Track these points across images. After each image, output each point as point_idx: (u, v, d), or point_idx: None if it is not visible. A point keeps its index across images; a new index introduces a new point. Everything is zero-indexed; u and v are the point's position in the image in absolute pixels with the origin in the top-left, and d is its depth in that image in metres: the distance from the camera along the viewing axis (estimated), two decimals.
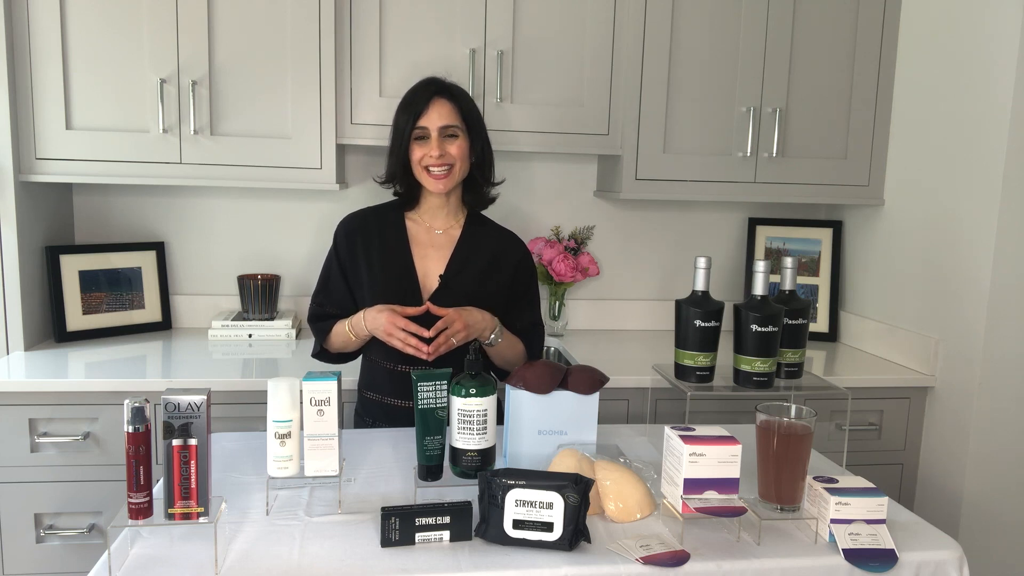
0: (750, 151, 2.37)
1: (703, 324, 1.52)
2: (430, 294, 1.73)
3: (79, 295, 2.32)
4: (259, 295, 2.44)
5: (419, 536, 1.20)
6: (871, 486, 1.29)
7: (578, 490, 1.19)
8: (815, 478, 1.30)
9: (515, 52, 2.27)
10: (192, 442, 1.13)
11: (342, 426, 1.39)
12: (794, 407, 1.32)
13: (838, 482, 1.29)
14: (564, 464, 1.34)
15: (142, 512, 1.13)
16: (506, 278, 1.78)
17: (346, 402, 1.96)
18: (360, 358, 1.84)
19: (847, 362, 2.40)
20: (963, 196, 2.11)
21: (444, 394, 1.33)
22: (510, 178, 2.47)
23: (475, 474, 1.32)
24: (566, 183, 2.67)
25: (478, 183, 1.80)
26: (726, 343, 1.54)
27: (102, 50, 2.10)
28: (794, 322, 1.57)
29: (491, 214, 1.87)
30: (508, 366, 1.76)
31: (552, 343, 2.51)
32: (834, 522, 1.24)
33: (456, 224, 1.81)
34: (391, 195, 1.84)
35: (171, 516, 1.14)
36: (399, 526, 1.19)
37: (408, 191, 1.79)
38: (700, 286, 1.55)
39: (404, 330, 1.59)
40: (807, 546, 1.24)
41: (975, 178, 2.07)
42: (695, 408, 2.15)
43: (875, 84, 2.41)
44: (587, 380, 1.46)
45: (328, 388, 1.28)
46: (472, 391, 1.32)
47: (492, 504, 1.20)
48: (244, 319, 2.43)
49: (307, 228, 2.57)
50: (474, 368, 1.35)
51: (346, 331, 1.71)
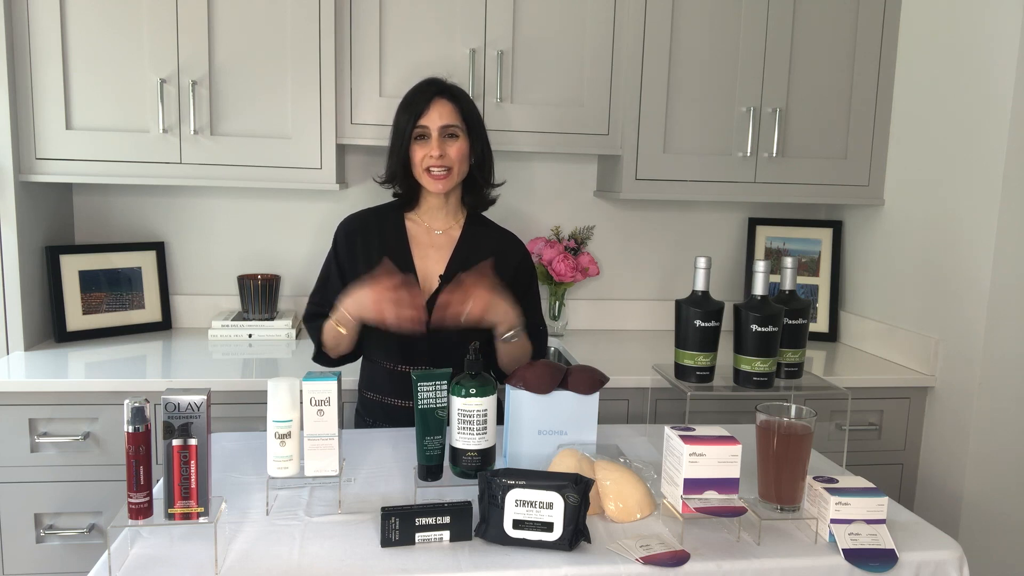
0: (750, 151, 2.37)
1: (703, 324, 1.53)
2: (430, 295, 1.73)
3: (79, 295, 2.32)
4: (259, 295, 2.44)
5: (419, 536, 1.20)
6: (871, 486, 1.29)
7: (578, 490, 1.19)
8: (815, 478, 1.30)
9: (515, 52, 2.27)
10: (192, 442, 1.13)
11: (342, 426, 1.39)
12: (794, 407, 1.32)
13: (838, 482, 1.29)
14: (564, 464, 1.34)
15: (142, 512, 1.13)
16: (506, 279, 1.77)
17: (346, 402, 1.96)
18: (360, 358, 1.84)
19: (847, 362, 2.40)
20: (963, 196, 2.11)
21: (444, 394, 1.33)
22: (510, 178, 2.47)
23: (475, 474, 1.31)
24: (566, 183, 2.67)
25: (478, 184, 1.79)
26: (726, 343, 1.54)
27: (102, 50, 2.10)
28: (794, 322, 1.57)
29: (491, 214, 1.87)
30: (516, 364, 1.73)
31: (552, 343, 2.51)
32: (834, 522, 1.24)
33: (456, 225, 1.81)
34: (391, 196, 1.84)
35: (171, 516, 1.14)
36: (399, 526, 1.19)
37: (408, 191, 1.78)
38: (700, 286, 1.55)
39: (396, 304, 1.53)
40: (807, 546, 1.24)
41: (975, 178, 2.07)
42: (695, 408, 2.15)
43: (875, 84, 2.41)
44: (587, 380, 1.46)
45: (328, 388, 1.28)
46: (472, 391, 1.32)
47: (492, 504, 1.20)
48: (244, 319, 2.43)
49: (307, 228, 2.57)
50: (474, 368, 1.35)
51: (332, 326, 1.65)
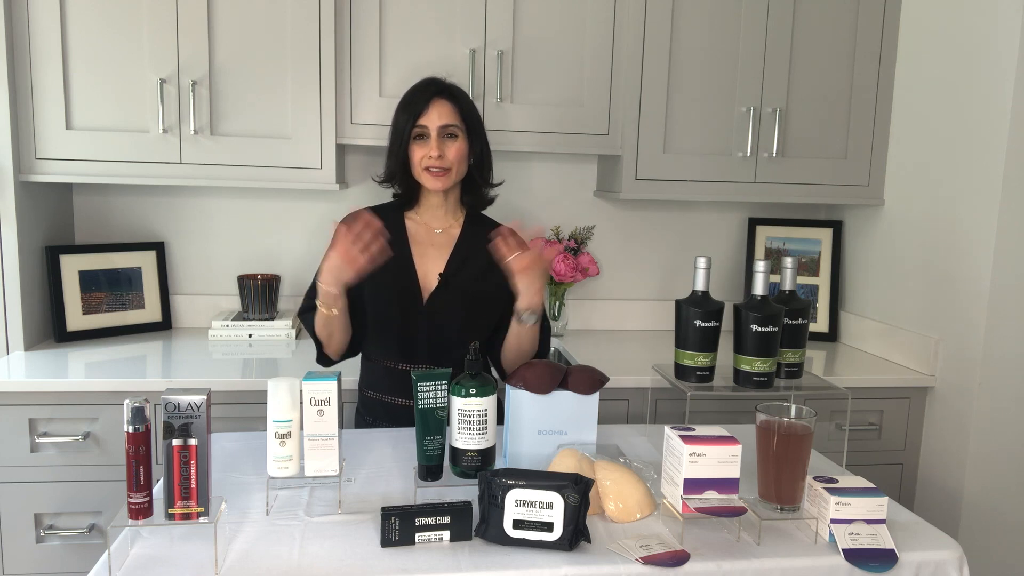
0: (750, 151, 2.37)
1: (703, 324, 1.53)
2: (430, 293, 1.73)
3: (79, 295, 2.32)
4: (259, 295, 2.44)
5: (419, 536, 1.20)
6: (871, 486, 1.29)
7: (578, 490, 1.19)
8: (815, 478, 1.30)
9: (515, 52, 2.27)
10: (192, 442, 1.13)
11: (342, 426, 1.39)
12: (794, 407, 1.32)
13: (838, 482, 1.29)
14: (564, 464, 1.34)
15: (142, 512, 1.13)
16: (506, 276, 1.77)
17: (346, 402, 1.96)
18: (360, 357, 1.84)
19: (847, 362, 2.40)
20: (963, 196, 2.11)
21: (444, 394, 1.33)
22: (510, 178, 2.47)
23: (475, 474, 1.31)
24: (566, 183, 2.67)
25: (477, 184, 1.80)
26: (726, 343, 1.54)
27: (102, 50, 2.10)
28: (794, 322, 1.57)
29: (491, 214, 1.87)
30: (519, 356, 1.72)
31: (552, 343, 2.50)
32: (834, 522, 1.24)
33: (455, 223, 1.81)
34: (391, 195, 1.84)
35: (171, 516, 1.14)
36: (399, 526, 1.19)
37: (407, 191, 1.79)
38: (700, 286, 1.55)
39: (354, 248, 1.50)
40: (807, 546, 1.24)
41: (975, 178, 2.07)
42: (695, 408, 2.15)
43: (875, 84, 2.41)
44: (587, 380, 1.46)
45: (328, 388, 1.28)
46: (472, 391, 1.32)
47: (492, 504, 1.20)
48: (244, 319, 2.43)
49: (307, 228, 2.57)
50: (474, 368, 1.35)
51: (323, 313, 1.61)
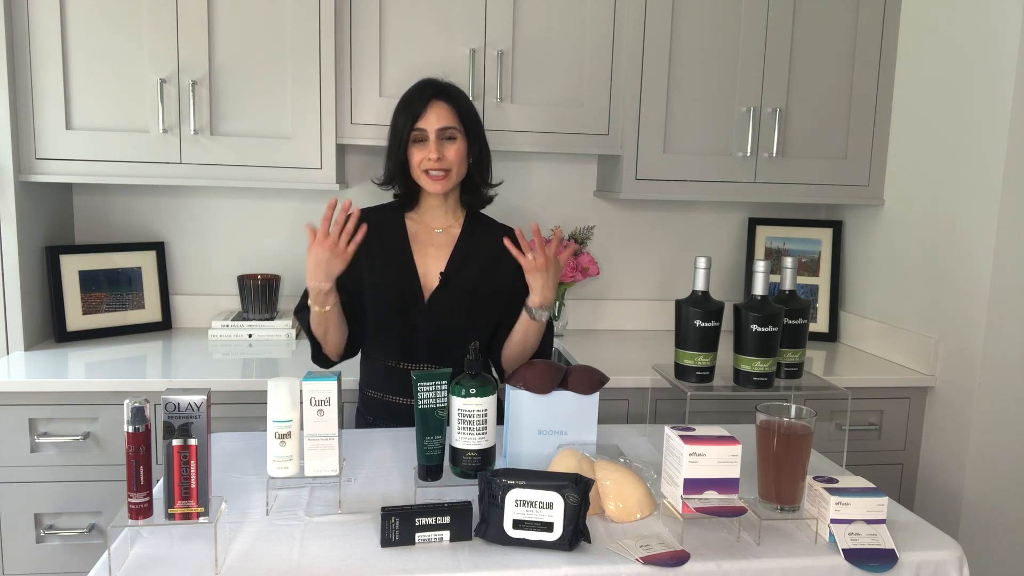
0: (750, 151, 2.37)
1: (703, 324, 1.53)
2: (431, 292, 1.73)
3: (79, 295, 2.32)
4: (259, 295, 2.44)
5: (419, 536, 1.20)
6: (871, 486, 1.29)
7: (578, 490, 1.19)
8: (815, 478, 1.30)
9: (515, 52, 2.27)
10: (192, 442, 1.13)
11: (342, 426, 1.39)
12: (794, 407, 1.32)
13: (838, 482, 1.29)
14: (564, 464, 1.34)
15: (142, 512, 1.13)
16: (508, 275, 1.78)
17: (346, 402, 1.96)
18: (360, 356, 1.84)
19: (847, 362, 2.40)
20: (963, 196, 2.11)
21: (444, 394, 1.33)
22: (510, 178, 2.47)
23: (475, 474, 1.31)
24: (566, 183, 2.67)
25: (476, 184, 1.80)
26: (726, 343, 1.54)
27: (102, 50, 2.10)
28: (794, 322, 1.57)
29: (491, 214, 1.87)
30: (522, 354, 1.72)
31: (553, 340, 2.50)
32: (834, 522, 1.24)
33: (456, 222, 1.81)
34: (390, 196, 1.84)
35: (171, 516, 1.14)
36: (399, 526, 1.19)
37: (407, 192, 1.79)
38: (700, 286, 1.55)
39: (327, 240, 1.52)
40: (807, 546, 1.24)
41: (975, 178, 2.07)
42: (695, 408, 2.15)
43: (875, 84, 2.41)
44: (587, 380, 1.46)
45: (328, 388, 1.28)
46: (472, 391, 1.32)
47: (492, 504, 1.20)
48: (244, 319, 2.43)
49: None
50: (474, 368, 1.35)
51: (316, 312, 1.61)
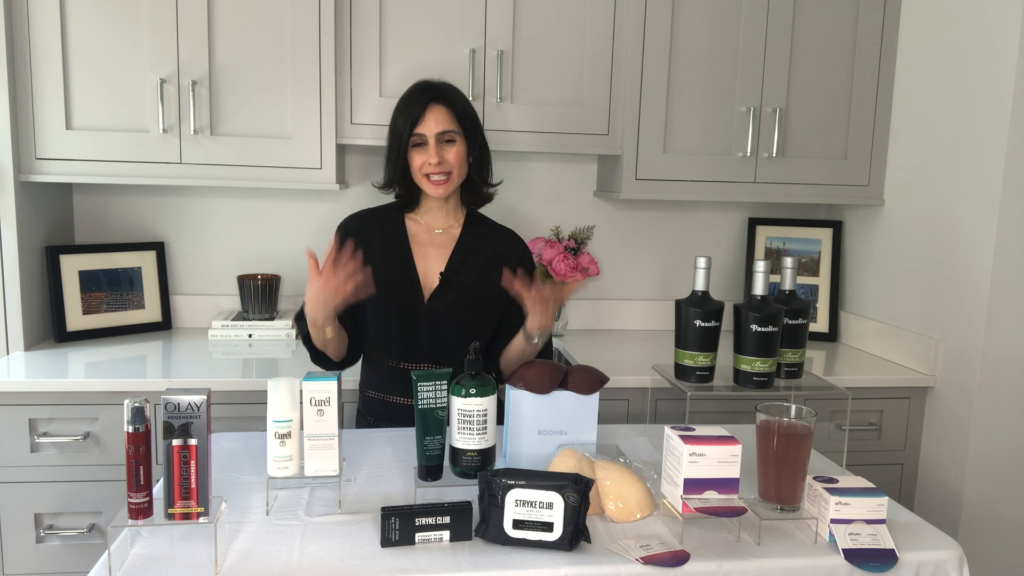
0: (750, 151, 2.37)
1: (703, 324, 1.53)
2: (431, 292, 1.73)
3: (79, 295, 2.32)
4: (259, 295, 2.44)
5: (419, 536, 1.20)
6: (871, 486, 1.29)
7: (578, 490, 1.19)
8: (815, 478, 1.30)
9: (515, 52, 2.27)
10: (192, 442, 1.13)
11: (342, 426, 1.39)
12: (794, 407, 1.32)
13: (838, 482, 1.29)
14: (564, 464, 1.34)
15: (142, 512, 1.13)
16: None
17: (347, 402, 1.96)
18: (360, 359, 1.84)
19: (847, 362, 2.40)
20: (963, 196, 2.11)
21: (444, 394, 1.33)
22: (510, 178, 2.47)
23: (475, 474, 1.31)
24: (566, 183, 2.67)
25: (476, 184, 1.80)
26: (726, 343, 1.54)
27: (102, 50, 2.10)
28: (794, 322, 1.57)
29: (491, 214, 1.88)
30: (514, 366, 1.73)
31: (552, 343, 2.50)
32: (834, 522, 1.24)
33: (456, 223, 1.81)
34: (391, 196, 1.84)
35: (171, 516, 1.14)
36: (399, 526, 1.19)
37: (408, 194, 1.79)
38: (700, 286, 1.55)
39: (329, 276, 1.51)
40: (807, 546, 1.24)
41: (975, 178, 2.07)
42: (695, 408, 2.15)
43: (875, 84, 2.41)
44: (587, 380, 1.46)
45: (328, 388, 1.28)
46: (472, 391, 1.32)
47: (492, 504, 1.20)
48: (244, 319, 2.43)
49: (307, 228, 2.57)
50: (474, 368, 1.35)
51: (309, 328, 1.64)
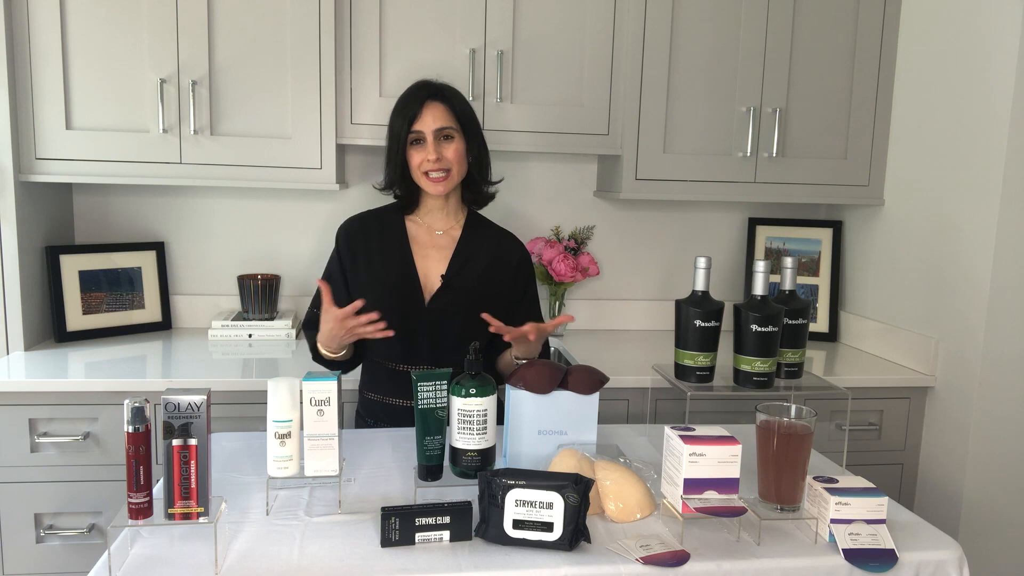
0: (750, 151, 2.37)
1: (703, 324, 1.53)
2: (432, 294, 1.73)
3: (79, 295, 2.32)
4: (259, 295, 2.44)
5: (419, 536, 1.20)
6: (871, 486, 1.29)
7: (578, 490, 1.19)
8: (815, 478, 1.30)
9: (515, 52, 2.27)
10: (192, 442, 1.13)
11: (342, 426, 1.39)
12: (794, 407, 1.32)
13: (838, 482, 1.29)
14: (564, 464, 1.34)
15: (142, 512, 1.13)
16: (507, 279, 1.78)
17: (346, 402, 1.96)
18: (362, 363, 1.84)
19: (847, 362, 2.40)
20: (963, 196, 2.11)
21: (444, 394, 1.33)
22: (510, 178, 2.47)
23: (475, 474, 1.31)
24: (566, 183, 2.67)
25: (476, 182, 1.80)
26: (726, 343, 1.54)
27: (102, 50, 2.10)
28: (794, 322, 1.57)
29: (491, 213, 1.88)
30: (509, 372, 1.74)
31: (552, 343, 2.51)
32: (834, 522, 1.24)
33: (456, 225, 1.81)
34: (391, 197, 1.84)
35: (171, 516, 1.14)
36: (399, 526, 1.19)
37: (408, 195, 1.79)
38: (700, 286, 1.55)
39: (356, 322, 1.53)
40: (807, 546, 1.24)
41: (975, 178, 2.07)
42: (695, 408, 2.15)
43: (875, 84, 2.41)
44: (587, 380, 1.46)
45: (328, 388, 1.28)
46: (472, 391, 1.32)
47: (492, 504, 1.20)
48: (244, 319, 2.43)
49: (307, 228, 2.57)
50: (474, 368, 1.35)
51: (320, 349, 1.68)
